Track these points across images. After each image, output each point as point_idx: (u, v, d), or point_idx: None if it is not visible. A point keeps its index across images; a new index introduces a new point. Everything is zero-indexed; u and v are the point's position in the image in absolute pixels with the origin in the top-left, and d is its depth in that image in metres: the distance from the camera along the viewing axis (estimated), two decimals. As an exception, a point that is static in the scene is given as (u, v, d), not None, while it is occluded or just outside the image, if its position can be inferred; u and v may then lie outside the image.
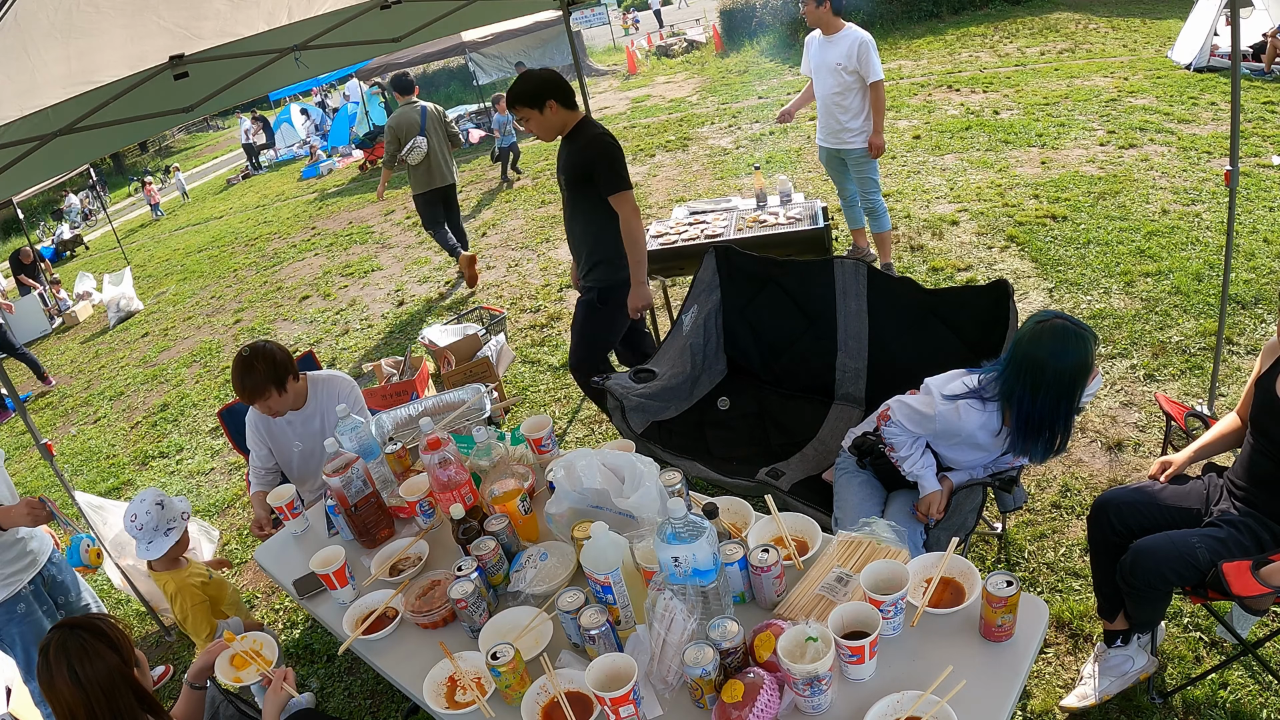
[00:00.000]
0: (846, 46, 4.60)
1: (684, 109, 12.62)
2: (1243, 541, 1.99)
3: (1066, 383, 2.04)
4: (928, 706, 1.44)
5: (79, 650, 1.67)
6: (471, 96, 18.27)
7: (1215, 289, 4.16)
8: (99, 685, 1.67)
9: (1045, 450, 2.15)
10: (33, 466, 6.15)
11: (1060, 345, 2.02)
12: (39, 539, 2.84)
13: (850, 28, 4.65)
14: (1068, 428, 2.12)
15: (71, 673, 1.66)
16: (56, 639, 1.70)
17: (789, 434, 3.21)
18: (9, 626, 2.70)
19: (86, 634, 1.70)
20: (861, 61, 4.57)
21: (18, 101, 2.12)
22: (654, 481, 1.89)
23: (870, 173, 4.92)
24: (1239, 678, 2.29)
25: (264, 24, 2.48)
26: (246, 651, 2.04)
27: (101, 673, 1.68)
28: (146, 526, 2.54)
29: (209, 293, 9.60)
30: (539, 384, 5.01)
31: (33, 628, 2.72)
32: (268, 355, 2.77)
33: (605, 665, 1.58)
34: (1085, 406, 2.25)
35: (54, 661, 1.67)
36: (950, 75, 10.57)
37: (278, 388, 2.79)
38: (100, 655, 1.69)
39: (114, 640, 1.73)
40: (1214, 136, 6.37)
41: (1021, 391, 2.08)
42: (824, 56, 4.74)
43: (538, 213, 8.84)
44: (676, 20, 24.81)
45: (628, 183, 3.26)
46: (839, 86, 4.71)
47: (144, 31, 2.21)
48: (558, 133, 3.33)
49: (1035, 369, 2.05)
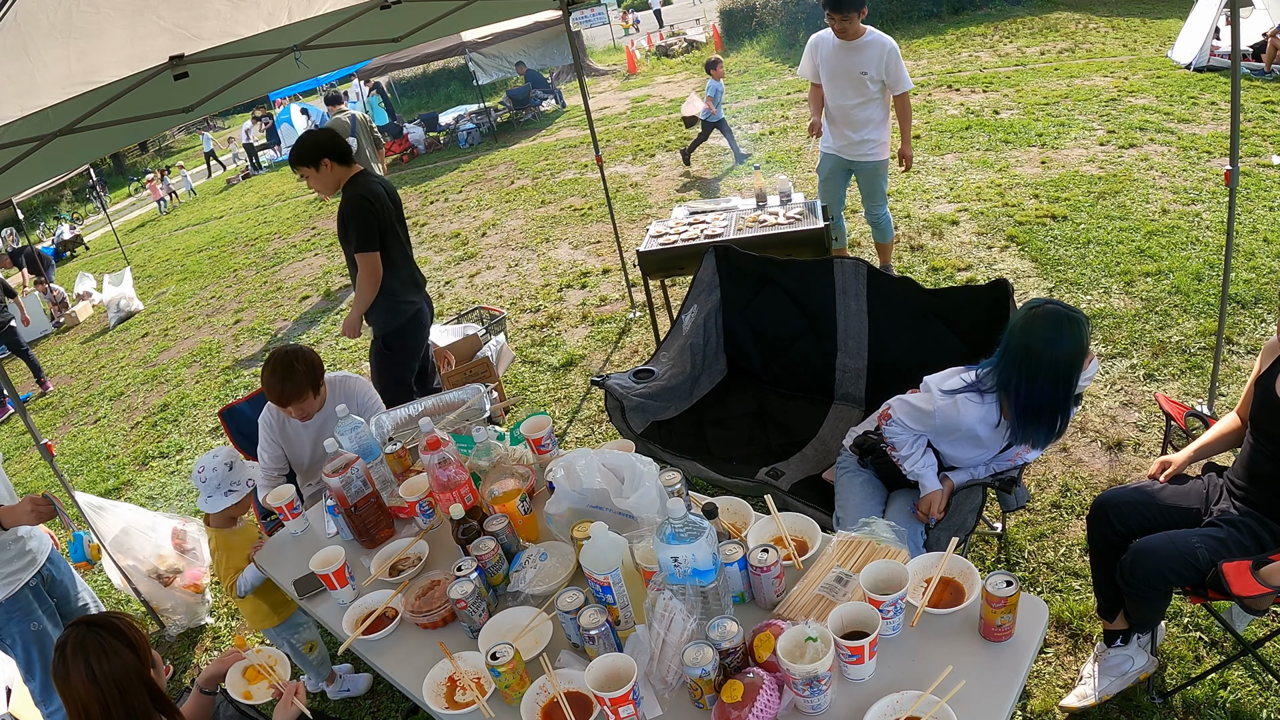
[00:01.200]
0: (874, 55, 4.27)
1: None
2: (1243, 541, 1.99)
3: (1063, 368, 2.04)
4: (927, 707, 1.43)
5: (97, 648, 1.67)
6: (471, 96, 18.27)
7: (1215, 289, 4.16)
8: (115, 683, 1.67)
9: (1047, 435, 2.16)
10: (32, 467, 6.14)
11: (1054, 331, 2.02)
12: (38, 538, 2.84)
13: (872, 32, 4.32)
14: (1067, 411, 2.13)
15: (88, 670, 1.65)
16: (74, 636, 1.70)
17: (789, 434, 3.21)
18: (9, 626, 2.69)
19: (105, 632, 1.70)
20: (891, 72, 4.30)
21: (18, 101, 2.12)
22: (654, 481, 1.89)
23: (882, 184, 4.69)
24: (1239, 677, 2.29)
25: (264, 24, 2.48)
26: (260, 665, 2.03)
27: (118, 670, 1.67)
28: (210, 481, 2.60)
29: (209, 293, 9.60)
30: (539, 384, 5.01)
31: (32, 627, 2.72)
32: (306, 358, 2.77)
33: (605, 665, 1.58)
34: (1083, 391, 2.24)
35: (71, 658, 1.67)
36: (950, 75, 10.58)
37: (314, 390, 2.80)
38: (117, 654, 1.68)
39: (131, 639, 1.73)
40: (1214, 136, 6.37)
41: (1018, 380, 2.08)
42: (843, 63, 4.37)
43: (537, 213, 8.84)
44: (676, 20, 24.79)
45: (370, 244, 3.19)
46: (860, 96, 4.39)
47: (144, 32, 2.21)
48: (335, 188, 3.43)
49: (1030, 356, 2.05)
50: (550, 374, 5.10)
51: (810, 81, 4.68)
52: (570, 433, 4.38)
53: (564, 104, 16.13)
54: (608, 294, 6.13)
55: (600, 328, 5.57)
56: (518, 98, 15.42)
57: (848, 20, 4.22)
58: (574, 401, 4.69)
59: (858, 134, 4.50)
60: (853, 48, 4.32)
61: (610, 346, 5.27)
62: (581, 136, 12.35)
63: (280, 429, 2.97)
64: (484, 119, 15.18)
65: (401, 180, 12.98)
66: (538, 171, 10.86)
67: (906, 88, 4.39)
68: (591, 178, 9.61)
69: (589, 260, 6.96)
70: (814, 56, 4.56)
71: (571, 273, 6.74)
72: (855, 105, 4.42)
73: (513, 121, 15.32)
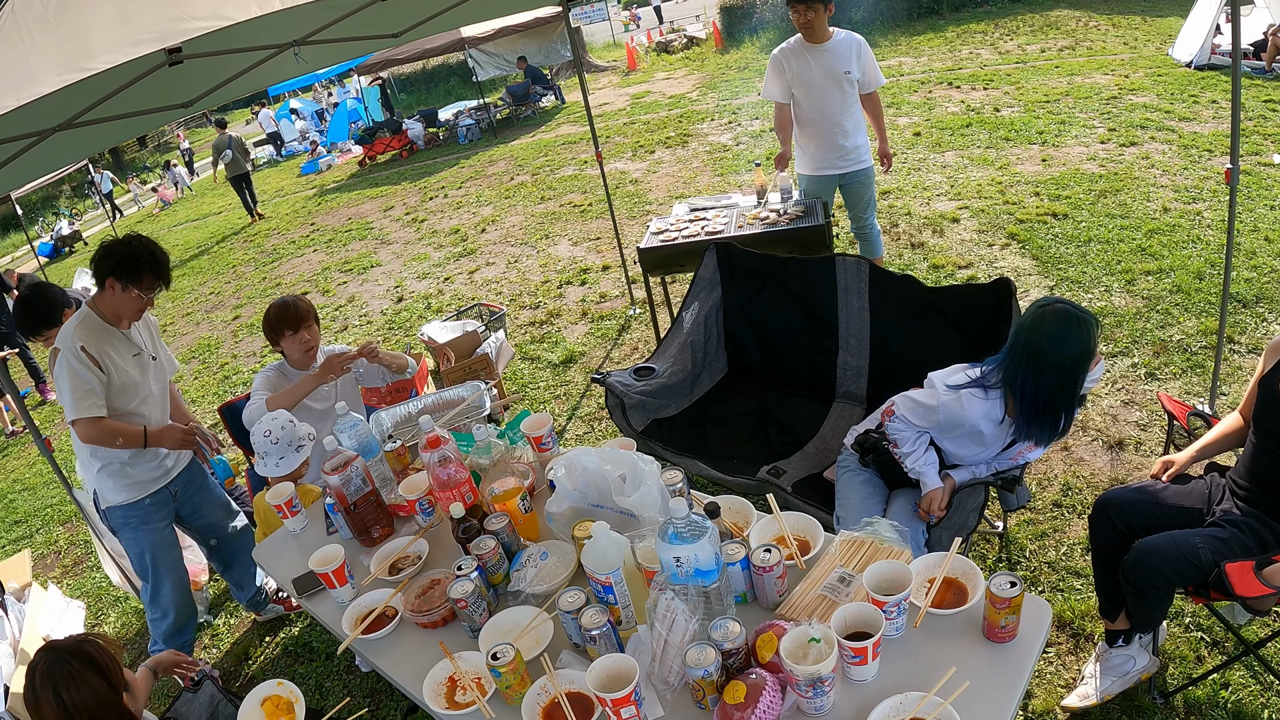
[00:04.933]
0: (851, 53, 4.02)
1: (684, 105, 12.59)
2: (1245, 542, 1.98)
3: (1069, 368, 2.04)
4: (931, 708, 1.43)
5: (66, 676, 1.65)
6: (471, 92, 18.25)
7: (1216, 287, 4.16)
8: (85, 712, 1.65)
9: (1050, 433, 2.17)
10: (31, 464, 6.13)
11: (1063, 331, 2.02)
12: (175, 455, 3.01)
13: (840, 31, 4.07)
14: (1071, 410, 2.13)
15: (57, 698, 1.64)
16: (43, 663, 1.68)
17: (790, 432, 3.20)
18: (125, 530, 2.93)
19: (75, 661, 1.68)
20: (868, 68, 4.08)
21: (14, 91, 2.10)
22: (655, 480, 1.88)
23: (874, 192, 4.42)
24: (1240, 678, 2.29)
25: (256, 8, 2.46)
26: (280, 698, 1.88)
27: (88, 699, 1.66)
28: (281, 441, 2.64)
29: (208, 289, 9.58)
30: (538, 381, 5.00)
31: (149, 535, 2.92)
32: (300, 297, 3.11)
33: (606, 666, 1.57)
34: (1088, 392, 2.24)
35: (39, 686, 1.65)
36: (951, 72, 10.56)
37: (316, 321, 3.11)
38: (87, 682, 1.67)
39: (102, 666, 1.71)
40: (1215, 134, 6.36)
41: (1024, 377, 2.08)
42: (822, 68, 4.05)
43: (537, 209, 8.82)
44: (676, 16, 24.74)
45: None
46: (843, 100, 4.09)
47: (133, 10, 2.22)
48: None
49: (1037, 354, 2.05)
50: (550, 371, 5.09)
51: (776, 103, 4.31)
52: (570, 430, 4.37)
53: (564, 100, 16.11)
54: (608, 291, 6.11)
55: (600, 325, 5.56)
56: (517, 94, 15.39)
57: (813, 12, 3.91)
58: (574, 399, 4.68)
59: (849, 140, 4.19)
60: (827, 50, 4.03)
61: (610, 343, 5.26)
62: (581, 133, 12.32)
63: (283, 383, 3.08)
64: (483, 115, 15.16)
65: (401, 176, 12.97)
66: (537, 168, 10.84)
67: (880, 83, 4.20)
68: (591, 174, 9.59)
69: (589, 257, 6.95)
70: (782, 72, 4.16)
71: (571, 269, 6.73)
72: (841, 110, 4.13)
73: (512, 117, 15.30)
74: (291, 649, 3.30)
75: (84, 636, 1.77)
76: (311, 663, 3.19)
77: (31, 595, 3.69)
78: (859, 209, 4.47)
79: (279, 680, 1.92)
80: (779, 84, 4.23)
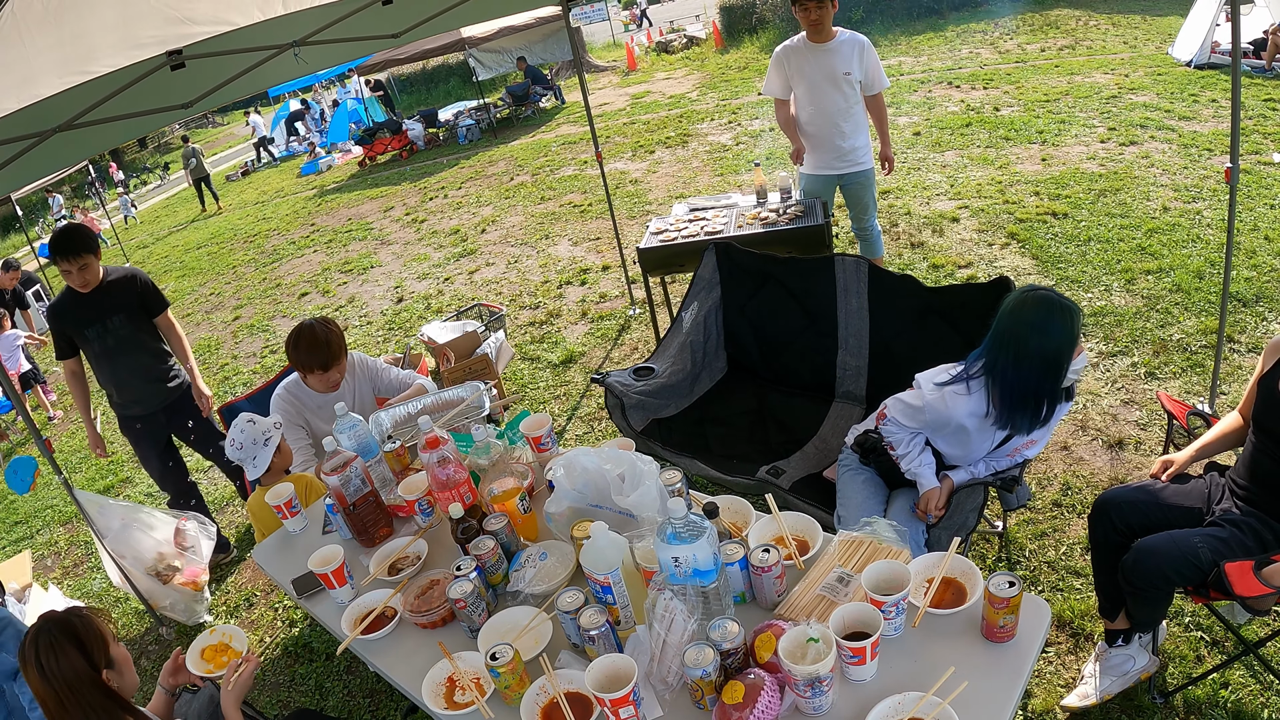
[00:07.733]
0: (854, 54, 4.02)
1: (684, 105, 12.59)
2: (1245, 541, 1.98)
3: (1050, 356, 2.01)
4: (929, 708, 1.43)
5: (47, 647, 1.71)
6: (471, 92, 18.25)
7: (1216, 286, 4.15)
8: (65, 683, 1.70)
9: (1031, 422, 2.13)
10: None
11: (1044, 317, 1.99)
12: None
13: (844, 31, 4.07)
14: (1054, 400, 2.11)
15: (39, 667, 1.70)
16: (32, 632, 1.75)
17: (789, 432, 3.20)
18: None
19: (58, 632, 1.73)
20: (871, 70, 4.07)
21: (15, 93, 2.10)
22: (654, 480, 1.88)
23: (874, 194, 4.41)
24: (1240, 677, 2.29)
25: (259, 12, 2.46)
26: (215, 645, 2.10)
27: (66, 672, 1.71)
28: (247, 444, 2.65)
29: (208, 289, 9.58)
30: (538, 381, 5.00)
31: None
32: (334, 326, 2.91)
33: (605, 666, 1.57)
34: (1074, 384, 2.22)
35: (27, 653, 1.73)
36: (950, 72, 10.55)
37: (345, 356, 2.97)
38: (65, 655, 1.71)
39: (83, 641, 1.75)
40: (1214, 133, 6.36)
41: (1005, 363, 2.06)
42: (823, 67, 4.06)
43: (537, 209, 8.82)
44: (675, 16, 24.73)
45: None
46: (844, 101, 4.09)
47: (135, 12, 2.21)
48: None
49: (1017, 341, 2.02)
50: (550, 371, 5.09)
51: (777, 99, 4.32)
52: (569, 430, 4.37)
53: (563, 100, 16.10)
54: (607, 291, 6.11)
55: (600, 325, 5.56)
56: (517, 94, 15.39)
57: (822, 9, 3.92)
58: (573, 399, 4.68)
59: (848, 141, 4.18)
60: (829, 50, 4.03)
61: (610, 344, 5.26)
62: (581, 133, 12.32)
63: (299, 410, 3.03)
64: (484, 115, 15.16)
65: (401, 176, 12.97)
66: (537, 168, 10.84)
67: (885, 86, 4.19)
68: (591, 174, 9.59)
69: (589, 257, 6.95)
70: (783, 69, 4.18)
71: (571, 269, 6.73)
72: (841, 110, 4.12)
73: (512, 118, 15.30)
74: (291, 649, 3.30)
75: (74, 609, 1.82)
76: (311, 663, 3.19)
77: (32, 596, 3.69)
78: (859, 211, 4.47)
79: (210, 628, 2.03)
80: (779, 81, 4.25)
